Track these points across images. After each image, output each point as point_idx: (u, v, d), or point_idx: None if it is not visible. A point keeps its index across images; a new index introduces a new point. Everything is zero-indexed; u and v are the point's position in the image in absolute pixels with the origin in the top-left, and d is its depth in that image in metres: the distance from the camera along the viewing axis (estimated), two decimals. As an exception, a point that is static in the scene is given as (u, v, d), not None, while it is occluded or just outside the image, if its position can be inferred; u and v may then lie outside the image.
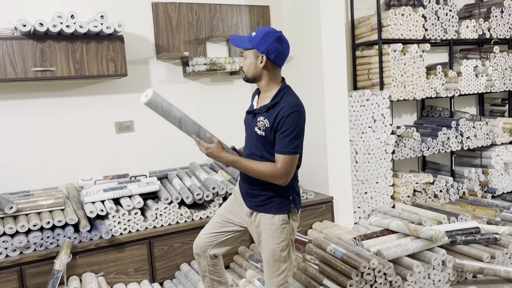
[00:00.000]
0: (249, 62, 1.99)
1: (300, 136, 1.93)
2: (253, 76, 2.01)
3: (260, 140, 1.99)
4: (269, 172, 1.91)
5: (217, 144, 1.99)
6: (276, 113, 1.91)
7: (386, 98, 3.96)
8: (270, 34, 1.93)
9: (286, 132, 1.89)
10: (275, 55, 1.94)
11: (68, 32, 2.79)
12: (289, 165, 1.91)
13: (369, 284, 2.65)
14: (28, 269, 2.63)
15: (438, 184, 4.25)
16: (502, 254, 3.08)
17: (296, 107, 1.92)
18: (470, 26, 4.44)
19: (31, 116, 3.12)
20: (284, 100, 1.94)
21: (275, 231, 2.00)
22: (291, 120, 1.89)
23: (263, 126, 1.95)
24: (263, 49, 1.93)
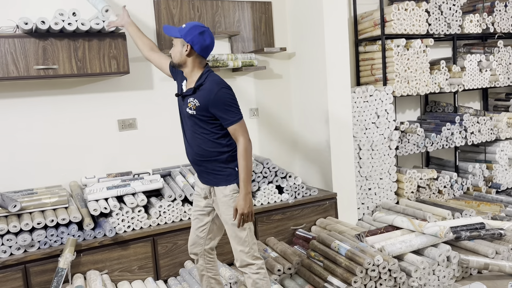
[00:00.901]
0: (177, 50, 2.24)
1: (234, 106, 2.19)
2: (179, 62, 2.26)
3: (192, 119, 2.23)
4: (244, 150, 2.18)
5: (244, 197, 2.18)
6: (206, 94, 2.16)
7: (389, 94, 3.94)
8: (197, 28, 2.20)
9: (226, 106, 2.16)
10: (199, 46, 2.19)
11: (70, 29, 2.78)
12: (244, 129, 2.20)
13: (374, 281, 2.64)
14: (32, 267, 2.63)
15: (442, 179, 4.23)
16: (507, 250, 3.07)
17: (221, 84, 2.19)
18: (474, 20, 4.41)
19: (34, 114, 3.12)
20: (208, 80, 2.20)
21: (229, 201, 2.24)
22: (224, 95, 2.16)
23: (194, 105, 2.19)
24: (188, 39, 2.18)
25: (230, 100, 2.18)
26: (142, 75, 3.43)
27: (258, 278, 2.26)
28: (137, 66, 3.39)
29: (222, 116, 2.17)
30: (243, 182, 2.17)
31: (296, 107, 4.00)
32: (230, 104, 2.18)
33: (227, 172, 2.25)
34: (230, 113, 2.17)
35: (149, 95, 3.47)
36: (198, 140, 2.26)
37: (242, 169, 2.17)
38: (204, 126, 2.22)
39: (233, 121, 2.18)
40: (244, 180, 2.17)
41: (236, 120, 2.18)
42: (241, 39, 3.75)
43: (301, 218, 3.48)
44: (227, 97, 2.17)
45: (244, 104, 3.85)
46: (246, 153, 2.18)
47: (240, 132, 2.19)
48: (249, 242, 2.26)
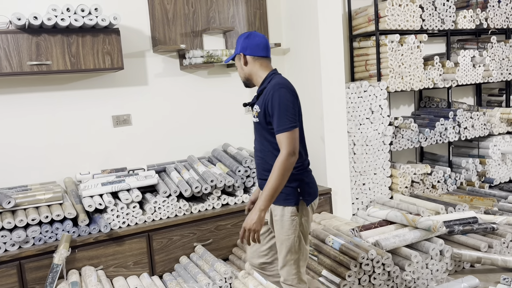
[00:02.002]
0: (238, 68, 2.12)
1: (288, 111, 1.92)
2: (245, 77, 2.10)
3: (258, 128, 2.06)
4: (281, 163, 1.89)
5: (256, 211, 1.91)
6: (264, 97, 1.98)
7: (383, 89, 3.96)
8: (241, 36, 2.09)
9: (275, 111, 1.92)
10: (249, 49, 2.04)
11: (63, 25, 2.77)
12: (291, 141, 1.91)
13: (368, 275, 2.67)
14: (27, 264, 2.63)
15: (436, 174, 4.26)
16: (500, 244, 3.10)
17: (278, 86, 1.95)
18: (467, 16, 4.43)
19: (28, 110, 3.11)
20: (269, 84, 2.00)
21: (285, 223, 2.02)
22: (276, 99, 1.93)
23: (256, 112, 2.02)
24: (239, 50, 2.07)
25: (287, 104, 1.92)
26: (136, 71, 3.42)
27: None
28: (131, 62, 3.38)
29: (274, 120, 1.93)
30: (265, 195, 1.90)
31: (290, 103, 4.00)
32: (285, 108, 1.91)
33: (286, 191, 2.00)
34: (281, 118, 1.91)
35: (143, 91, 3.46)
36: (263, 152, 2.05)
37: (270, 183, 1.89)
38: (267, 136, 2.01)
39: (282, 129, 1.91)
40: (267, 195, 1.89)
41: (286, 129, 1.90)
42: (235, 35, 3.74)
43: (296, 213, 3.49)
44: (283, 99, 1.92)
45: (239, 100, 3.85)
46: (281, 168, 1.88)
47: (286, 143, 1.90)
48: (298, 265, 2.06)
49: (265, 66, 2.07)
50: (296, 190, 2.02)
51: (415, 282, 2.84)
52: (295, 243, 2.04)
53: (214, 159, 3.58)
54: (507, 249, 3.15)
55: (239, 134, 3.86)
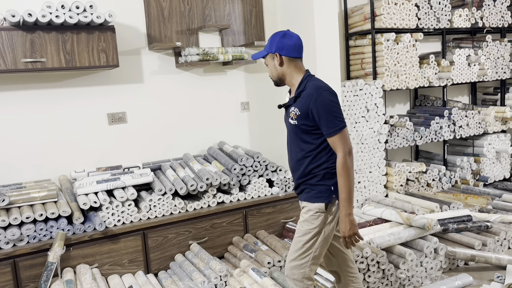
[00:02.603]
0: (271, 67, 2.12)
1: (337, 111, 1.98)
2: (278, 77, 2.12)
3: (295, 130, 2.08)
4: (343, 166, 1.95)
5: (344, 218, 1.99)
6: (306, 100, 1.99)
7: (379, 88, 3.96)
8: (276, 35, 2.09)
9: (327, 112, 1.95)
10: (286, 49, 2.05)
11: (57, 22, 2.75)
12: (345, 140, 1.97)
13: (363, 273, 2.67)
14: (21, 262, 2.62)
15: (431, 173, 4.28)
16: (494, 242, 3.12)
17: (321, 89, 1.99)
18: (463, 15, 4.44)
19: (22, 108, 3.09)
20: (309, 86, 2.02)
21: (310, 217, 2.06)
22: (326, 100, 1.96)
23: (295, 115, 2.03)
24: (274, 49, 2.06)
25: (332, 106, 1.96)
26: (132, 69, 3.41)
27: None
28: (126, 60, 3.37)
29: (322, 124, 1.96)
30: (343, 201, 1.96)
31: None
32: (332, 110, 1.95)
33: (319, 189, 2.05)
34: (330, 121, 1.95)
35: (139, 89, 3.45)
36: (300, 154, 2.08)
37: (342, 187, 1.96)
38: (305, 138, 2.04)
39: (333, 131, 1.95)
40: (345, 200, 1.95)
41: (337, 130, 1.95)
42: (231, 33, 3.74)
43: (291, 211, 3.49)
44: (328, 102, 1.96)
45: (235, 98, 3.85)
46: (345, 169, 1.95)
47: (341, 144, 1.95)
48: (309, 263, 2.07)
49: (299, 68, 2.10)
50: (330, 188, 2.05)
51: (410, 280, 2.85)
52: (312, 239, 2.05)
53: (209, 157, 3.58)
54: (501, 247, 3.17)
55: (235, 132, 3.86)
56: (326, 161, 2.05)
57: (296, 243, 2.09)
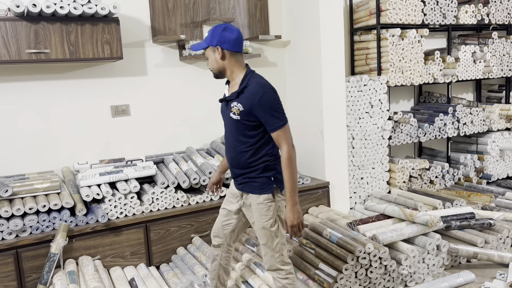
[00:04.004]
0: (211, 59, 2.14)
1: (280, 108, 2.07)
2: (218, 70, 2.15)
3: (236, 124, 2.13)
4: (288, 159, 2.05)
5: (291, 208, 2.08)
6: (250, 97, 2.05)
7: (383, 84, 3.94)
8: (217, 28, 2.11)
9: (271, 109, 2.04)
10: (227, 43, 2.09)
11: (62, 13, 2.74)
12: (288, 135, 2.07)
13: (365, 268, 2.67)
14: (24, 252, 2.63)
15: (434, 170, 4.26)
16: (496, 239, 3.11)
17: (266, 87, 2.07)
18: (469, 11, 4.41)
19: (26, 99, 3.09)
20: (252, 83, 2.08)
21: (262, 210, 2.16)
22: (270, 98, 2.04)
23: (237, 110, 2.09)
24: (215, 42, 2.09)
25: (275, 104, 2.05)
26: (136, 61, 3.40)
27: (286, 283, 2.22)
28: (130, 52, 3.35)
29: (266, 120, 2.05)
30: (289, 192, 2.05)
31: (290, 96, 3.99)
32: (276, 107, 2.05)
33: (262, 181, 2.15)
34: (274, 117, 2.04)
35: (142, 81, 3.44)
36: (240, 147, 2.15)
37: (287, 179, 2.05)
38: (247, 132, 2.12)
39: (277, 127, 2.05)
40: (291, 191, 2.05)
41: (281, 126, 2.05)
42: (236, 26, 3.71)
43: (294, 206, 3.49)
44: (272, 100, 2.05)
45: (238, 92, 3.84)
46: (290, 161, 2.05)
47: (284, 138, 2.05)
48: (280, 248, 2.20)
49: (240, 62, 2.15)
50: (270, 179, 2.15)
51: (412, 276, 2.85)
52: (275, 228, 2.16)
53: (212, 151, 3.58)
54: (503, 245, 3.16)
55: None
56: (266, 154, 2.14)
57: (262, 237, 2.19)
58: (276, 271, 2.22)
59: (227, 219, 2.36)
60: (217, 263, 2.45)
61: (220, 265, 2.44)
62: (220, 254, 2.42)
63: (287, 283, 2.22)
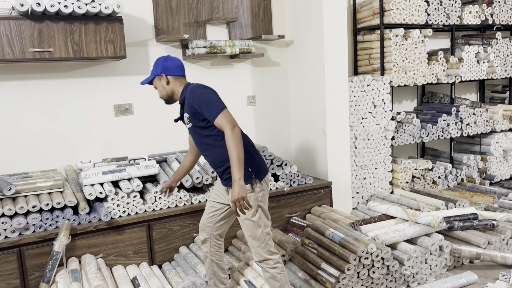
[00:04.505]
0: (160, 87, 2.37)
1: (213, 98, 2.22)
2: (168, 95, 2.37)
3: (195, 131, 2.32)
4: (230, 138, 2.13)
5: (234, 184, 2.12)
6: (187, 102, 2.26)
7: (386, 84, 3.94)
8: (158, 60, 2.36)
9: (204, 101, 2.20)
10: (170, 70, 2.32)
11: (66, 12, 2.75)
12: (228, 117, 2.17)
13: (367, 269, 2.67)
14: (27, 250, 2.64)
15: (437, 170, 4.25)
16: (499, 240, 3.11)
17: (195, 86, 2.29)
18: (473, 11, 4.39)
19: (30, 97, 3.10)
20: (187, 91, 2.29)
21: None
22: (200, 93, 2.23)
23: (187, 119, 2.30)
24: (159, 71, 2.33)
25: (206, 95, 2.22)
26: (139, 60, 3.41)
27: (276, 272, 2.31)
28: (133, 51, 3.36)
29: (205, 112, 2.19)
30: (234, 168, 2.10)
31: (293, 95, 3.99)
32: (208, 98, 2.20)
33: None
34: (210, 107, 2.18)
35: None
36: (210, 149, 2.32)
37: (232, 156, 2.11)
38: (205, 133, 2.28)
39: (215, 114, 2.16)
40: (236, 167, 2.09)
41: (218, 112, 2.16)
42: (239, 26, 3.72)
43: (296, 206, 3.49)
44: (202, 93, 2.22)
45: (241, 91, 3.84)
46: (231, 141, 2.12)
47: (224, 121, 2.14)
48: (265, 238, 2.29)
49: (183, 83, 2.36)
50: (248, 170, 2.26)
51: (414, 277, 2.84)
52: (256, 217, 2.27)
53: (215, 150, 3.57)
54: (506, 246, 3.15)
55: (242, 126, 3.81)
56: None
57: (246, 228, 2.30)
58: (264, 261, 2.31)
59: (212, 211, 2.47)
60: (209, 260, 2.51)
61: (212, 261, 2.51)
62: (209, 250, 2.50)
63: (276, 272, 2.31)
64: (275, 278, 2.31)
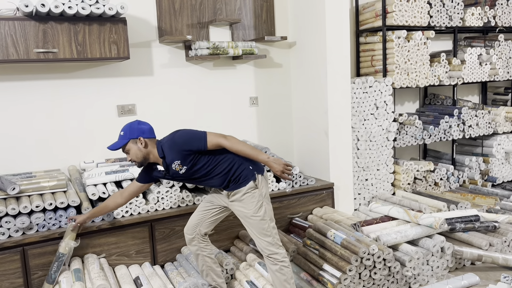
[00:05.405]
0: (134, 150, 2.40)
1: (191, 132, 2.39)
2: (143, 157, 2.40)
3: (188, 173, 2.39)
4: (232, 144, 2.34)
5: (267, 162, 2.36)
6: (171, 151, 2.34)
7: (389, 85, 3.94)
8: (132, 124, 2.43)
9: (188, 139, 2.33)
10: (146, 133, 2.41)
11: (70, 13, 2.77)
12: (215, 135, 2.35)
13: (369, 270, 2.67)
14: (30, 250, 2.65)
15: (439, 172, 4.26)
16: (501, 242, 3.11)
17: (171, 135, 2.40)
18: (475, 13, 4.40)
19: (33, 98, 3.12)
20: (164, 144, 2.38)
21: (248, 198, 2.37)
22: (179, 138, 2.35)
23: (178, 165, 2.36)
24: (136, 135, 2.39)
25: (186, 134, 2.37)
26: (142, 61, 3.42)
27: (283, 265, 2.38)
28: (137, 52, 3.38)
29: (194, 147, 2.32)
30: (255, 156, 2.32)
31: (295, 97, 4.00)
32: (188, 136, 2.35)
33: (244, 174, 2.38)
34: (195, 140, 2.33)
35: (148, 81, 3.46)
36: (210, 174, 2.40)
37: (245, 153, 2.33)
38: (201, 165, 2.37)
39: (204, 142, 2.32)
40: (255, 155, 2.32)
41: (204, 138, 2.32)
42: (242, 27, 3.73)
43: (298, 207, 3.50)
44: (182, 136, 2.36)
45: (244, 92, 3.85)
46: (234, 146, 2.33)
47: (216, 139, 2.33)
48: (272, 232, 2.38)
49: (155, 143, 2.43)
50: (249, 168, 2.40)
51: (416, 278, 2.85)
52: (262, 212, 2.36)
53: (217, 151, 3.58)
54: (508, 247, 3.15)
55: (243, 127, 3.87)
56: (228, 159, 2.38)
57: (253, 225, 2.36)
58: (273, 255, 2.36)
59: (205, 209, 2.55)
60: (201, 257, 2.57)
61: (205, 256, 2.57)
62: (198, 247, 2.56)
63: (283, 265, 2.38)
64: (281, 271, 2.37)
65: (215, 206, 2.55)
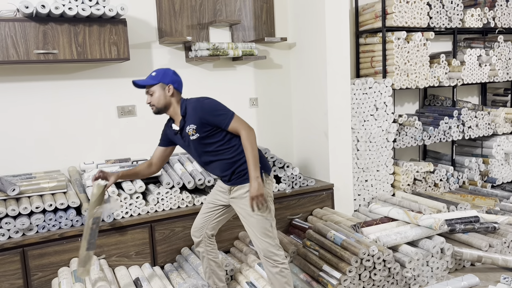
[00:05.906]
0: (158, 95, 2.35)
1: (221, 106, 2.33)
2: (164, 105, 2.37)
3: (198, 142, 2.34)
4: (247, 139, 2.28)
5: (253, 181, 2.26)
6: (193, 114, 2.30)
7: (388, 86, 3.95)
8: (168, 70, 2.40)
9: (215, 111, 2.29)
10: (177, 83, 2.40)
11: (70, 14, 2.77)
12: (241, 121, 2.31)
13: (368, 271, 2.68)
14: (30, 251, 2.65)
15: (439, 173, 4.26)
16: (501, 243, 3.11)
17: (200, 98, 2.37)
18: (475, 14, 4.41)
19: (34, 99, 3.12)
20: (188, 104, 2.36)
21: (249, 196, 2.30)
22: (207, 106, 2.31)
23: (193, 130, 2.31)
24: (167, 81, 2.36)
25: (216, 105, 2.32)
26: (142, 62, 3.42)
27: (284, 267, 2.36)
28: (137, 53, 3.38)
29: (217, 121, 2.28)
30: (251, 167, 2.25)
31: (295, 98, 4.01)
32: (217, 107, 2.31)
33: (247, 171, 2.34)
34: (221, 115, 2.29)
35: (148, 82, 3.46)
36: (216, 155, 2.36)
37: (249, 156, 2.26)
38: (211, 141, 2.32)
39: (228, 121, 2.28)
40: (253, 166, 2.24)
41: (230, 117, 2.29)
42: (241, 28, 3.74)
43: (298, 208, 3.50)
44: (211, 104, 2.32)
45: (244, 93, 3.86)
46: (248, 141, 2.26)
47: (238, 125, 2.29)
48: (273, 233, 2.35)
49: (180, 99, 2.42)
50: None
51: (415, 279, 2.85)
52: (267, 213, 2.32)
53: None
54: (508, 248, 3.16)
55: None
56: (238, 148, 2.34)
57: (255, 225, 2.32)
58: (273, 256, 2.33)
59: (208, 211, 2.52)
60: (206, 260, 2.55)
61: (210, 260, 2.55)
62: (204, 249, 2.54)
63: (284, 267, 2.35)
64: (282, 273, 2.35)
65: (217, 206, 2.51)
